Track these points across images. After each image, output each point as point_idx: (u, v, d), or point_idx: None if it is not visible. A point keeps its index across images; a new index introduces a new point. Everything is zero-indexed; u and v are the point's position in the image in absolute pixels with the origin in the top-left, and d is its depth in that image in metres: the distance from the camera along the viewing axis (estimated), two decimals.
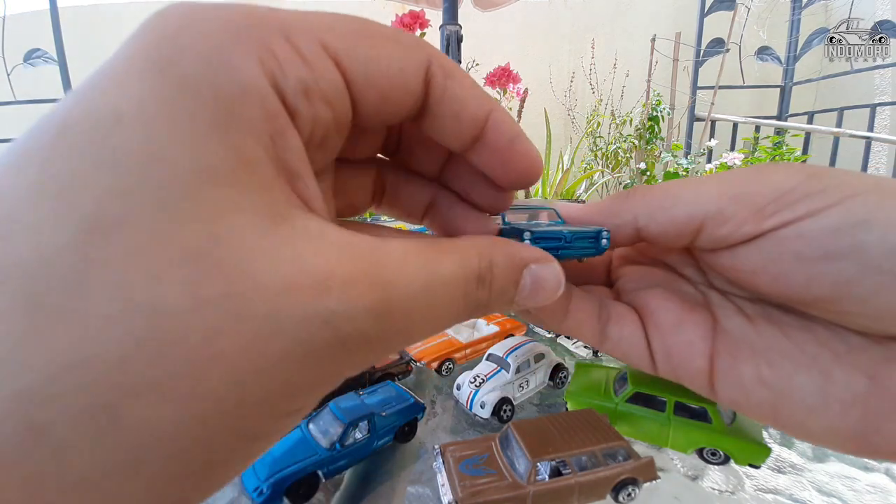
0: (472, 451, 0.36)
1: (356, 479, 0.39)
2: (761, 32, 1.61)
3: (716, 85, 1.59)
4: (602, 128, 1.64)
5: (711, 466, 0.39)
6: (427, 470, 0.39)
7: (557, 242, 0.16)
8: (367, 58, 0.11)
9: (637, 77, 1.70)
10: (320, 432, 0.39)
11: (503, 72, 1.36)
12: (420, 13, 1.23)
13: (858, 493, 0.36)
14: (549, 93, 1.83)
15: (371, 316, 0.10)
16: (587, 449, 0.34)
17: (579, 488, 0.33)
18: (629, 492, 0.34)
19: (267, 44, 0.10)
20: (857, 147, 1.51)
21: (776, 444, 0.42)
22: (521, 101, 1.45)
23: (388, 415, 0.41)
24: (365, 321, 0.10)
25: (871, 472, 0.39)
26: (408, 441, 0.44)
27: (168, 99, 0.09)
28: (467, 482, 0.32)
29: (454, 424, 0.47)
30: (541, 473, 0.33)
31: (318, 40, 0.10)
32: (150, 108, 0.08)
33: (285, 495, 0.34)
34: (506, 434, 0.37)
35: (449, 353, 0.56)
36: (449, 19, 1.00)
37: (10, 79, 1.40)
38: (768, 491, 0.37)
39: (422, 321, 0.11)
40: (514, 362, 0.48)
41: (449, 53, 0.99)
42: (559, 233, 0.16)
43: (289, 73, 0.10)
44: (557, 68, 1.92)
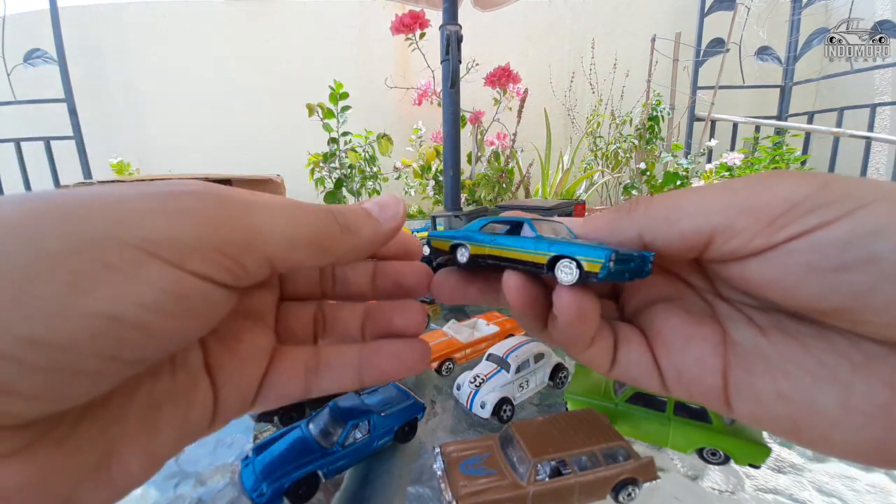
0: (472, 451, 0.36)
1: (356, 479, 0.39)
2: (761, 32, 1.61)
3: (716, 85, 1.59)
4: (602, 128, 1.64)
5: (711, 466, 0.39)
6: (427, 470, 0.39)
7: (630, 265, 0.16)
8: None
9: (637, 77, 1.70)
10: (320, 432, 0.39)
11: (503, 72, 1.36)
12: (420, 13, 1.23)
13: (858, 493, 0.36)
14: (549, 93, 1.83)
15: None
16: (587, 449, 0.34)
17: (579, 488, 0.33)
18: (629, 492, 0.34)
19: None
20: (857, 147, 1.51)
21: (776, 444, 0.42)
22: (521, 101, 1.45)
23: (388, 415, 0.41)
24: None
25: (871, 472, 0.39)
26: (408, 441, 0.44)
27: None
28: (467, 482, 0.32)
29: (454, 424, 0.47)
30: (541, 473, 0.33)
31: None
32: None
33: (285, 495, 0.34)
34: (506, 434, 0.37)
35: (449, 353, 0.56)
36: (449, 19, 1.00)
37: (10, 79, 1.40)
38: (768, 491, 0.37)
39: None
40: (514, 362, 0.48)
41: (449, 53, 0.99)
42: (629, 254, 0.16)
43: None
44: (557, 68, 1.92)
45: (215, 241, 0.12)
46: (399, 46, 1.79)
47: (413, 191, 1.53)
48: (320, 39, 1.91)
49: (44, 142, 1.45)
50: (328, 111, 1.33)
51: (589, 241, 0.18)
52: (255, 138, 1.96)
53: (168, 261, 0.12)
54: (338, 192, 1.38)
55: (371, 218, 0.18)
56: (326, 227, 0.16)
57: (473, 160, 1.46)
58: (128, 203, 0.12)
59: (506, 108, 1.45)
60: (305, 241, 0.15)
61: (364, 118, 1.77)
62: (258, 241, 0.13)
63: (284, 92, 1.90)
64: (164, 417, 0.15)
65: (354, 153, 1.36)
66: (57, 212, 0.11)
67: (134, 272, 0.11)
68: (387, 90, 1.55)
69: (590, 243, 0.16)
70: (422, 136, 1.55)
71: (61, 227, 0.11)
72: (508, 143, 1.46)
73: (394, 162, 1.51)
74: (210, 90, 1.91)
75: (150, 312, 0.11)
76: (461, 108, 1.11)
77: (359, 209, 0.18)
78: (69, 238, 0.11)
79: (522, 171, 1.51)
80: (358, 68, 1.91)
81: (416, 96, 1.44)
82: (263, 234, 0.14)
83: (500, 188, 1.40)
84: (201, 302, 0.13)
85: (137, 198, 0.12)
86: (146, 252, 0.11)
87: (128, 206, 0.12)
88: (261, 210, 0.14)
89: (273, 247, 0.14)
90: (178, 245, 0.12)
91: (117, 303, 0.11)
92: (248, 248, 0.13)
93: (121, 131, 1.90)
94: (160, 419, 0.14)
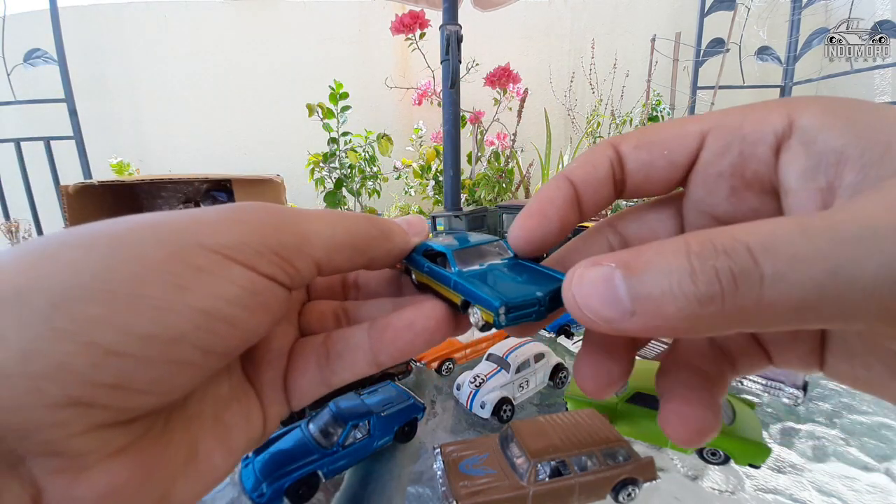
0: (472, 451, 0.36)
1: (356, 479, 0.39)
2: (761, 32, 1.61)
3: (716, 85, 1.59)
4: (602, 128, 1.64)
5: (711, 466, 0.39)
6: (427, 470, 0.39)
7: (531, 310, 0.15)
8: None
9: (637, 77, 1.70)
10: (320, 432, 0.39)
11: (503, 72, 1.35)
12: (420, 13, 1.23)
13: (858, 493, 0.36)
14: (549, 93, 1.83)
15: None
16: (587, 449, 0.34)
17: (579, 488, 0.33)
18: (629, 492, 0.34)
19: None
20: None
21: (776, 444, 0.42)
22: (521, 101, 1.44)
23: (387, 415, 0.41)
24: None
25: (871, 472, 0.39)
26: (408, 441, 0.44)
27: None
28: (467, 482, 0.32)
29: (454, 424, 0.47)
30: (541, 473, 0.33)
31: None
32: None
33: (285, 495, 0.34)
34: (506, 434, 0.37)
35: (449, 353, 0.56)
36: (449, 19, 1.00)
37: (10, 79, 1.40)
38: (768, 491, 0.37)
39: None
40: (514, 362, 0.48)
41: (449, 53, 0.99)
42: (532, 297, 0.15)
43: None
44: (557, 68, 1.91)
45: (273, 244, 0.14)
46: (399, 46, 1.79)
47: (413, 191, 1.53)
48: (320, 39, 1.91)
49: (44, 142, 1.45)
50: (328, 111, 1.33)
51: (524, 259, 0.18)
52: (255, 138, 1.96)
53: (242, 262, 0.13)
54: (338, 192, 1.38)
55: (402, 229, 0.19)
56: (365, 230, 0.17)
57: (473, 160, 1.46)
58: (201, 216, 0.14)
59: (506, 108, 1.45)
60: (347, 243, 0.16)
61: (364, 118, 1.76)
62: (306, 245, 0.15)
63: (284, 92, 1.90)
64: (233, 416, 0.16)
65: (354, 153, 1.36)
66: (149, 227, 0.13)
67: (219, 272, 0.13)
68: (387, 90, 1.55)
69: (514, 272, 0.16)
70: (422, 136, 1.55)
71: (156, 238, 0.12)
72: (508, 143, 1.46)
73: (394, 162, 1.51)
74: (210, 90, 1.91)
75: (234, 307, 0.13)
76: (461, 108, 1.10)
77: (391, 220, 0.19)
78: (165, 245, 0.12)
79: (522, 171, 1.51)
80: (358, 68, 1.91)
81: (416, 96, 1.44)
82: (310, 238, 0.15)
83: (500, 188, 1.40)
84: (271, 298, 0.14)
85: (207, 212, 0.14)
86: (224, 256, 0.13)
87: (202, 218, 0.14)
88: (306, 218, 0.16)
89: (319, 250, 0.16)
90: (247, 249, 0.14)
91: (210, 299, 0.13)
92: (298, 251, 0.15)
93: (121, 131, 1.89)
94: (230, 417, 0.16)
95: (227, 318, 0.13)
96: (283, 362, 0.18)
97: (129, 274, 0.12)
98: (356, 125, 1.46)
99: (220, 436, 0.16)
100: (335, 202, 1.38)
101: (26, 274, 0.11)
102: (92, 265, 0.11)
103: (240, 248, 0.13)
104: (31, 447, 0.11)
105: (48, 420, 0.11)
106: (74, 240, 0.12)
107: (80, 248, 0.12)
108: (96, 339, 0.11)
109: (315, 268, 0.16)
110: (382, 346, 0.17)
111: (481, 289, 0.15)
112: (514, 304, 0.14)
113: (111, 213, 1.10)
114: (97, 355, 0.11)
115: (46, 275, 0.11)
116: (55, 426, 0.11)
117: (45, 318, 0.11)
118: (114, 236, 0.12)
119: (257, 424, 0.17)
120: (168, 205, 1.26)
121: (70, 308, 0.11)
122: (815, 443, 0.42)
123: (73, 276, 0.11)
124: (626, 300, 0.10)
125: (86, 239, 0.12)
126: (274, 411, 0.18)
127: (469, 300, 0.16)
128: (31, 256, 0.11)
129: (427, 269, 0.18)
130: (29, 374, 0.10)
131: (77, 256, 0.11)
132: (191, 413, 0.15)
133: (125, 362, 0.11)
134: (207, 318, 0.12)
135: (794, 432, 0.44)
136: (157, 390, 0.12)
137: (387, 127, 1.51)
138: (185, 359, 0.12)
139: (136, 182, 1.13)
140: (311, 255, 0.15)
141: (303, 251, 0.15)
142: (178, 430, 0.14)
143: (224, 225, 0.14)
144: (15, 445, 0.11)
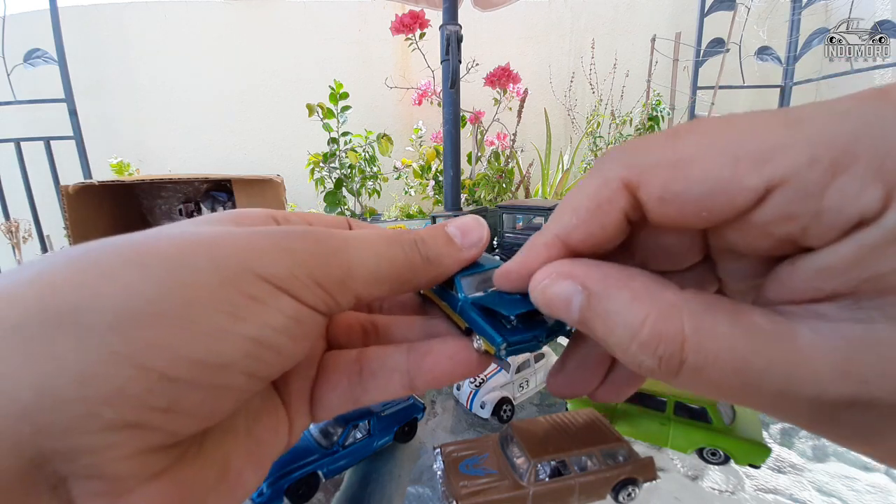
0: (472, 451, 0.36)
1: (356, 479, 0.39)
2: (761, 32, 1.61)
3: (716, 85, 1.59)
4: (602, 128, 1.64)
5: (711, 466, 0.39)
6: (427, 470, 0.39)
7: (531, 344, 0.16)
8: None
9: (637, 77, 1.70)
10: (320, 432, 0.39)
11: (503, 72, 1.35)
12: (420, 13, 1.23)
13: (858, 493, 0.36)
14: (549, 93, 1.83)
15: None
16: (587, 449, 0.34)
17: (579, 488, 0.33)
18: (629, 492, 0.34)
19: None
20: None
21: (776, 444, 0.42)
22: (521, 101, 1.44)
23: (387, 415, 0.41)
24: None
25: (871, 472, 0.39)
26: (408, 441, 0.44)
27: None
28: (467, 482, 0.32)
29: (454, 424, 0.47)
30: (541, 473, 0.33)
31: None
32: None
33: (285, 495, 0.34)
34: (506, 434, 0.37)
35: None
36: (449, 19, 1.00)
37: (10, 79, 1.40)
38: (768, 491, 0.37)
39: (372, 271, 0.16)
40: (514, 362, 0.48)
41: (449, 53, 0.99)
42: (530, 336, 0.16)
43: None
44: (557, 68, 1.91)
45: (318, 276, 0.14)
46: (399, 46, 1.79)
47: (413, 191, 1.53)
48: (320, 39, 1.91)
49: (44, 142, 1.44)
50: (328, 111, 1.33)
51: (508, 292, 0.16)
52: (255, 138, 1.96)
53: (290, 293, 0.13)
54: (338, 192, 1.38)
55: (453, 245, 0.17)
56: (410, 260, 0.16)
57: (473, 160, 1.46)
58: (254, 242, 0.14)
59: (506, 108, 1.45)
60: (389, 276, 0.16)
61: (364, 118, 1.76)
62: (349, 279, 0.15)
63: (284, 92, 1.90)
64: (263, 429, 0.16)
65: (354, 153, 1.36)
66: (204, 250, 0.13)
67: (270, 302, 0.13)
68: (387, 90, 1.55)
69: (519, 299, 0.15)
70: (422, 136, 1.55)
71: (211, 263, 0.12)
72: (508, 143, 1.46)
73: (394, 162, 1.51)
74: (210, 90, 1.91)
75: (280, 335, 0.13)
76: (461, 108, 1.10)
77: (442, 235, 0.17)
78: (219, 271, 0.12)
79: (522, 171, 1.51)
80: (358, 68, 1.91)
81: (416, 96, 1.44)
82: (353, 271, 0.15)
83: (500, 188, 1.40)
84: (312, 326, 0.14)
85: (257, 237, 0.14)
86: (275, 286, 0.13)
87: (255, 244, 0.13)
88: (352, 248, 0.15)
89: (361, 285, 0.15)
90: (296, 282, 0.14)
91: (260, 328, 0.13)
92: (341, 286, 0.15)
93: (121, 131, 1.89)
94: (261, 430, 0.16)
95: (274, 346, 0.13)
96: (313, 373, 0.18)
97: (185, 299, 0.12)
98: (356, 125, 1.46)
99: (251, 450, 0.16)
100: (335, 202, 1.38)
101: (80, 292, 0.11)
102: (148, 288, 0.11)
103: (289, 280, 0.13)
104: (76, 469, 0.11)
105: (100, 444, 0.11)
106: (127, 257, 0.12)
107: (136, 267, 0.12)
108: (151, 363, 0.11)
109: (354, 300, 0.16)
110: (420, 371, 0.17)
111: (486, 321, 0.16)
112: (515, 341, 0.15)
113: (111, 213, 1.10)
114: (152, 380, 0.11)
115: (105, 294, 0.11)
116: (105, 449, 0.11)
117: (103, 340, 0.10)
118: (167, 258, 0.12)
119: (283, 436, 0.17)
120: (168, 205, 1.26)
121: (126, 331, 0.11)
122: (815, 443, 0.42)
123: (129, 298, 0.11)
124: (576, 314, 0.13)
125: (141, 258, 0.12)
126: (300, 423, 0.18)
127: (473, 329, 0.16)
128: (85, 274, 0.11)
129: (436, 289, 0.19)
130: (86, 399, 0.10)
131: (133, 278, 0.11)
132: (225, 428, 0.15)
133: (177, 387, 0.11)
134: (256, 345, 0.13)
135: (794, 432, 0.44)
136: (203, 414, 0.13)
137: (387, 127, 1.51)
138: (232, 384, 0.13)
139: (136, 182, 1.13)
140: (353, 290, 0.15)
141: (346, 285, 0.15)
142: (211, 448, 0.14)
143: (276, 254, 0.14)
144: (60, 467, 0.11)
